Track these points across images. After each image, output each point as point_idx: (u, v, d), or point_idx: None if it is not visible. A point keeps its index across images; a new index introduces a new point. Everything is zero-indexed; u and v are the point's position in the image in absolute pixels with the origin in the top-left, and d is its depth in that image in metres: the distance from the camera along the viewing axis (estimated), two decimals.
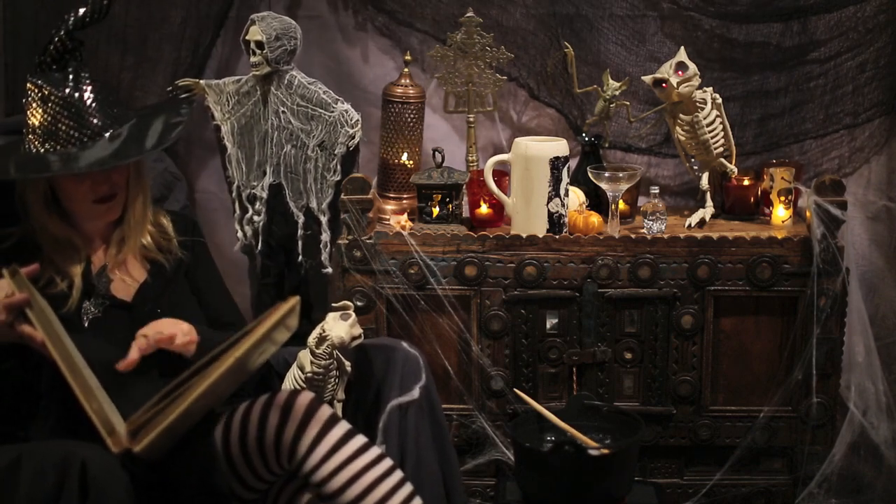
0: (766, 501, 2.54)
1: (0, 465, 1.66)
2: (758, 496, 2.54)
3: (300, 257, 2.63)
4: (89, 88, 1.93)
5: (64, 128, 1.90)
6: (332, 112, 2.50)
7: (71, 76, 1.92)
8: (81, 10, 1.95)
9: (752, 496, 2.54)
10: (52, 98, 1.90)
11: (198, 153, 2.89)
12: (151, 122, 1.98)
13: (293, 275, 2.70)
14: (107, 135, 1.92)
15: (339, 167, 2.52)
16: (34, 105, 1.91)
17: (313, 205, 2.59)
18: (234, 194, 2.72)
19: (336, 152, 2.51)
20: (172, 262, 2.10)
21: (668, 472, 2.56)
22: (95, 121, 1.91)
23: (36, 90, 1.91)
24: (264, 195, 2.65)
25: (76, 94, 1.91)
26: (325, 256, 2.60)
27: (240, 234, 2.73)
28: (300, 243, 2.63)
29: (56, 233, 1.97)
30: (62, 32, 1.93)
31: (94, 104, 1.92)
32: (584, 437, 2.25)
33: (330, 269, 2.59)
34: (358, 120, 2.49)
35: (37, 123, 1.91)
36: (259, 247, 2.69)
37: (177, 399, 1.71)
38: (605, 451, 2.18)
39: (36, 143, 1.91)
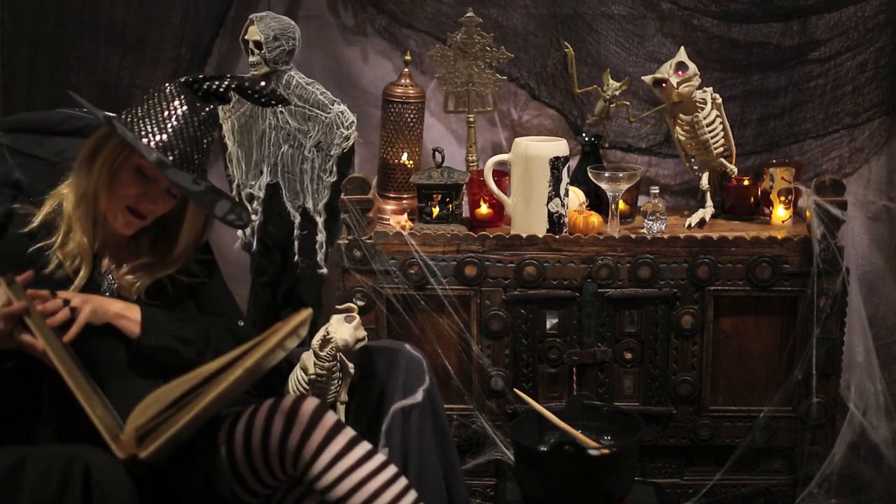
0: (766, 501, 2.54)
1: (3, 466, 1.66)
2: (758, 496, 2.54)
3: (296, 257, 2.63)
4: (207, 136, 1.93)
5: (167, 137, 1.88)
6: (329, 113, 2.50)
7: (205, 113, 1.93)
8: (261, 85, 1.98)
9: (752, 496, 2.54)
10: (182, 111, 1.90)
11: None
12: (223, 198, 1.94)
13: (288, 275, 2.70)
14: (192, 174, 1.91)
15: (334, 168, 2.52)
16: (166, 101, 1.90)
17: (309, 205, 2.59)
18: (233, 193, 2.72)
19: (332, 153, 2.51)
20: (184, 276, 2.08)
21: (668, 472, 2.56)
22: (187, 155, 1.90)
23: (176, 94, 1.91)
24: (261, 195, 2.65)
25: (194, 125, 1.91)
26: (320, 257, 2.60)
27: (239, 231, 2.73)
28: (296, 243, 2.63)
29: (97, 201, 1.92)
30: (234, 83, 1.95)
31: (199, 147, 1.92)
32: (584, 437, 2.25)
33: (325, 270, 2.59)
34: (353, 121, 2.49)
35: (151, 116, 1.90)
36: (254, 246, 2.69)
37: (185, 407, 1.71)
38: (605, 451, 2.18)
39: (139, 126, 1.90)
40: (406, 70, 2.67)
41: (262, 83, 1.99)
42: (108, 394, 1.81)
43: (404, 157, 2.68)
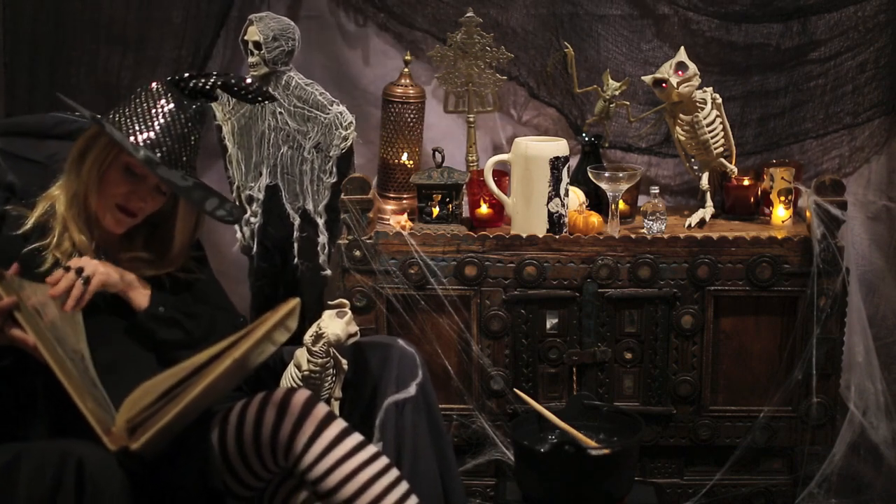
0: (766, 501, 2.54)
1: None
2: (758, 496, 2.54)
3: (296, 259, 2.63)
4: (195, 133, 1.95)
5: (155, 135, 1.90)
6: (328, 114, 2.50)
7: (192, 111, 1.95)
8: (247, 82, 2.00)
9: (752, 496, 2.54)
10: (169, 109, 1.92)
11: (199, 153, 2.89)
12: (212, 194, 1.97)
13: (288, 277, 2.70)
14: (181, 171, 1.93)
15: (334, 169, 2.52)
16: (153, 99, 1.92)
17: (309, 207, 2.59)
18: (234, 195, 2.72)
19: (331, 154, 2.52)
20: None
21: (668, 472, 2.56)
22: (175, 152, 1.92)
23: (163, 92, 1.93)
24: (260, 196, 2.65)
25: (182, 122, 1.93)
26: (323, 258, 2.60)
27: (238, 234, 2.73)
28: (296, 245, 2.63)
29: (87, 201, 1.93)
30: (220, 80, 1.97)
31: (187, 144, 1.94)
32: (584, 437, 2.25)
33: (329, 272, 2.59)
34: (351, 122, 2.49)
35: (138, 115, 1.91)
36: (254, 249, 2.69)
37: (176, 398, 1.72)
38: (606, 451, 2.18)
39: (127, 125, 1.91)
40: (406, 70, 2.67)
41: (249, 80, 2.00)
42: (102, 383, 1.81)
43: (404, 157, 2.68)
